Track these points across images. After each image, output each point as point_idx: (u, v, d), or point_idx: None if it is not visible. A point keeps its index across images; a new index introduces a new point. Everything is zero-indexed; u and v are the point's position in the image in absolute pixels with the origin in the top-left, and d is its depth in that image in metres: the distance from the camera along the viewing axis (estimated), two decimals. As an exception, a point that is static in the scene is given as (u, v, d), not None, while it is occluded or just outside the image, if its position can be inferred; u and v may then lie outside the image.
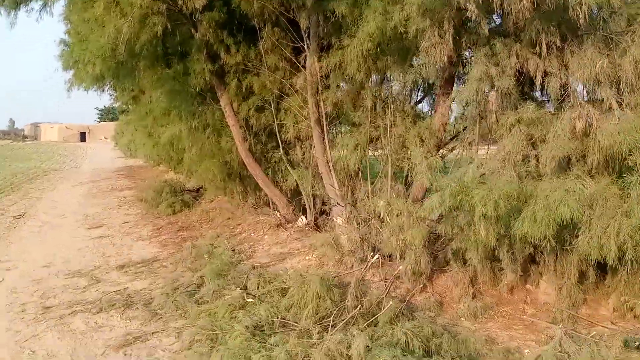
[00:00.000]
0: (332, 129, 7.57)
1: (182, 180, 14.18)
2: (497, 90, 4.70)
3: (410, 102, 6.79)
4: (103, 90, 15.73)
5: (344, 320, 4.29)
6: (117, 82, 10.90)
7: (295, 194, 9.25)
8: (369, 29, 5.12)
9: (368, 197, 6.64)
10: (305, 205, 8.78)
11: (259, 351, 3.79)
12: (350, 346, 3.50)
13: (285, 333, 4.33)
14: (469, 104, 4.97)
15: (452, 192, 4.04)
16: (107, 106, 73.11)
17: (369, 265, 5.15)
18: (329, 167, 7.18)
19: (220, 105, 8.80)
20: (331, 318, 4.33)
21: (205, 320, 4.74)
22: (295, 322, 4.55)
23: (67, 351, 4.53)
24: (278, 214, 8.53)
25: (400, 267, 4.80)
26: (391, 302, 4.36)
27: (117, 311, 5.42)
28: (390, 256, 5.67)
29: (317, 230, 8.19)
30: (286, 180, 8.85)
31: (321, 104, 6.97)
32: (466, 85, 4.80)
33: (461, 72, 5.73)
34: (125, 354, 4.44)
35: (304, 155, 8.53)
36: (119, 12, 6.85)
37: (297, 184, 8.63)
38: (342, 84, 6.67)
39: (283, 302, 4.81)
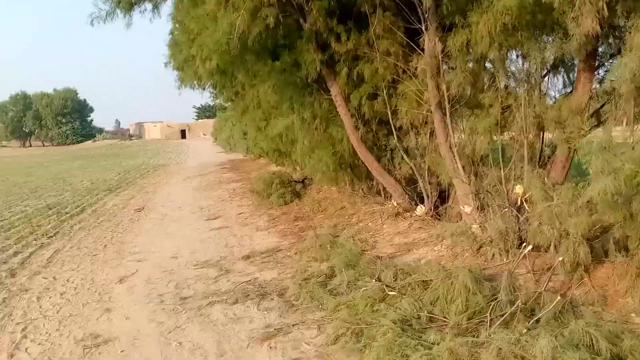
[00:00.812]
0: (454, 113, 7.13)
1: (287, 172, 14.36)
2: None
3: (544, 80, 6.21)
4: (204, 89, 16.42)
5: (503, 317, 3.97)
6: (225, 78, 11.20)
7: (409, 183, 8.98)
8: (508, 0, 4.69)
9: (501, 182, 6.20)
10: (422, 193, 8.48)
11: (417, 349, 3.59)
12: (523, 347, 3.18)
13: (437, 329, 4.10)
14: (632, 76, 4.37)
15: (629, 175, 3.56)
16: (203, 104, 76.82)
17: (521, 256, 4.76)
18: (453, 152, 6.80)
19: (330, 95, 8.68)
20: (488, 314, 4.02)
21: (345, 313, 4.62)
22: (445, 318, 4.30)
23: (212, 343, 4.58)
24: (395, 203, 8.28)
25: (560, 258, 4.37)
26: (559, 297, 3.97)
27: (252, 302, 5.47)
28: (537, 246, 5.23)
29: (438, 219, 7.86)
30: (400, 168, 8.59)
31: (443, 86, 6.60)
32: (628, 55, 4.23)
33: (612, 43, 5.12)
34: (270, 347, 4.42)
35: (418, 142, 8.22)
36: (231, 6, 6.92)
37: (413, 172, 8.35)
38: (467, 64, 6.25)
39: (427, 296, 4.57)
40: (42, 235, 9.57)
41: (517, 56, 6.13)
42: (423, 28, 6.62)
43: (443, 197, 8.61)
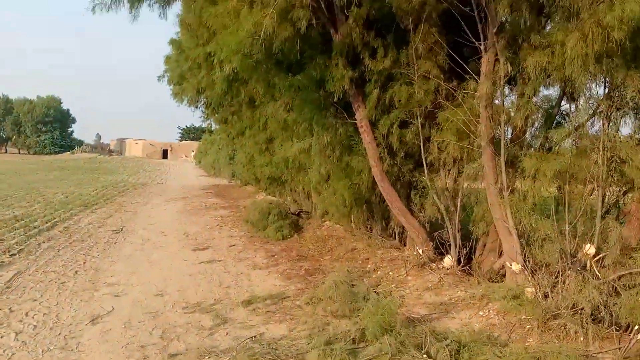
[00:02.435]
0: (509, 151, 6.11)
1: (282, 202, 13.17)
2: None
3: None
4: (197, 107, 15.34)
5: None
6: (230, 92, 10.14)
7: (432, 228, 7.89)
8: (629, 9, 3.71)
9: (565, 238, 5.14)
10: (446, 241, 7.38)
11: None
12: None
13: None
14: None
15: None
16: (189, 126, 75.60)
17: (634, 342, 3.64)
18: (503, 198, 5.75)
19: (353, 119, 7.64)
20: None
21: (395, 402, 3.42)
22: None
23: None
24: (420, 251, 7.13)
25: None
26: None
27: (263, 370, 4.22)
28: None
29: (470, 274, 6.73)
30: (424, 210, 7.49)
31: (502, 117, 5.59)
32: None
33: None
34: None
35: (455, 181, 7.20)
36: (259, 3, 5.92)
37: (441, 216, 7.26)
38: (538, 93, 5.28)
39: (506, 387, 3.40)
40: (4, 251, 8.19)
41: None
42: (482, 47, 5.66)
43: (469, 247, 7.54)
